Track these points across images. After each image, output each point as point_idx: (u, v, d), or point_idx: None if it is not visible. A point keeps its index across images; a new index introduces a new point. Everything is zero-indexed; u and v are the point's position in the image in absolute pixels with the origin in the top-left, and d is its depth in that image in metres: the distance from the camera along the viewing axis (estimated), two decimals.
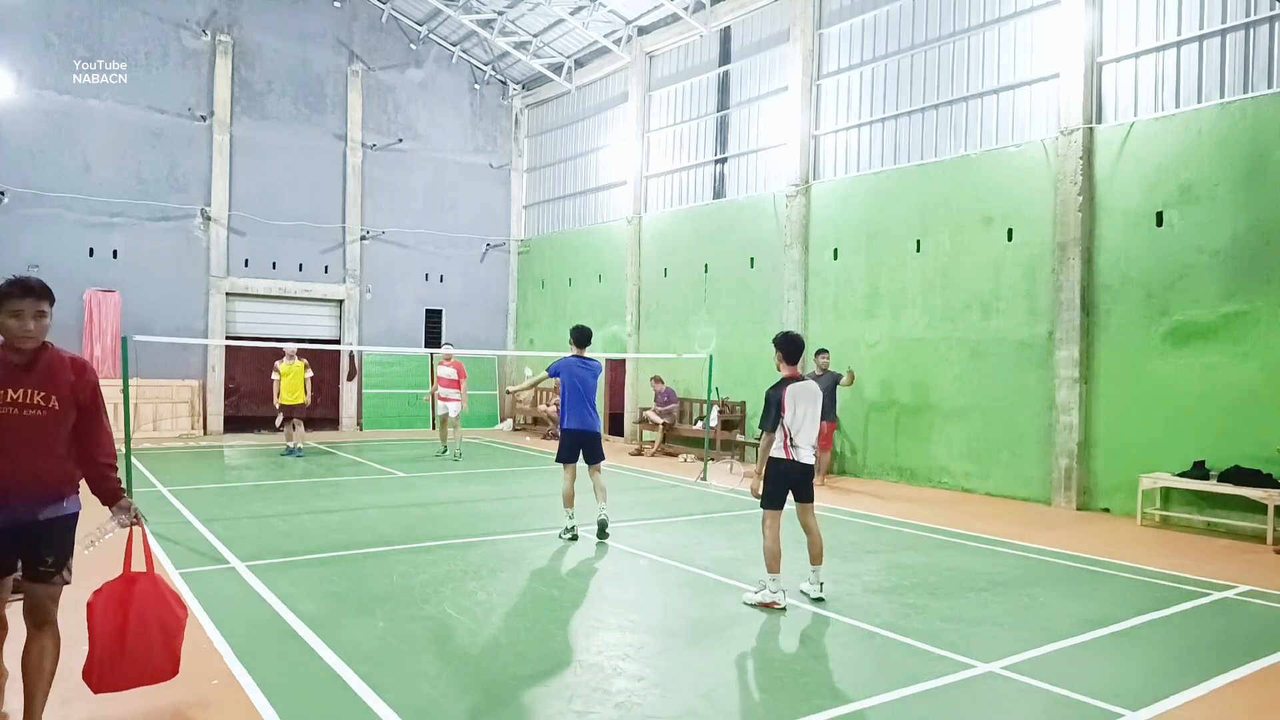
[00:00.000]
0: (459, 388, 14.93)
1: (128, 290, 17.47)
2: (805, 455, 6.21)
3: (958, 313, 12.32)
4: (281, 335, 19.16)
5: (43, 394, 3.55)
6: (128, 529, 3.86)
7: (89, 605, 3.82)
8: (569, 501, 8.35)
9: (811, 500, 6.38)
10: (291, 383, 14.56)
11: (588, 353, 8.54)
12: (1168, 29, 10.41)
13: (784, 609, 5.97)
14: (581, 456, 8.41)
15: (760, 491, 6.23)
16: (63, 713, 4.04)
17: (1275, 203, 9.32)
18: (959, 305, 12.31)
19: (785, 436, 6.13)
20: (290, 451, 14.71)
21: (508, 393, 9.75)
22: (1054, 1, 11.40)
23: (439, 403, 15.15)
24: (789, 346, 6.36)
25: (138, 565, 4.00)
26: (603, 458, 8.57)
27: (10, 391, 3.51)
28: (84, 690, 3.90)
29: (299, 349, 14.71)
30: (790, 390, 6.16)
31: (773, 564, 6.04)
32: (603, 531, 8.22)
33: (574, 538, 8.24)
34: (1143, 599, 6.58)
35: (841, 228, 14.07)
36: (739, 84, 16.45)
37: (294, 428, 14.79)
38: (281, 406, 14.68)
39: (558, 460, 8.44)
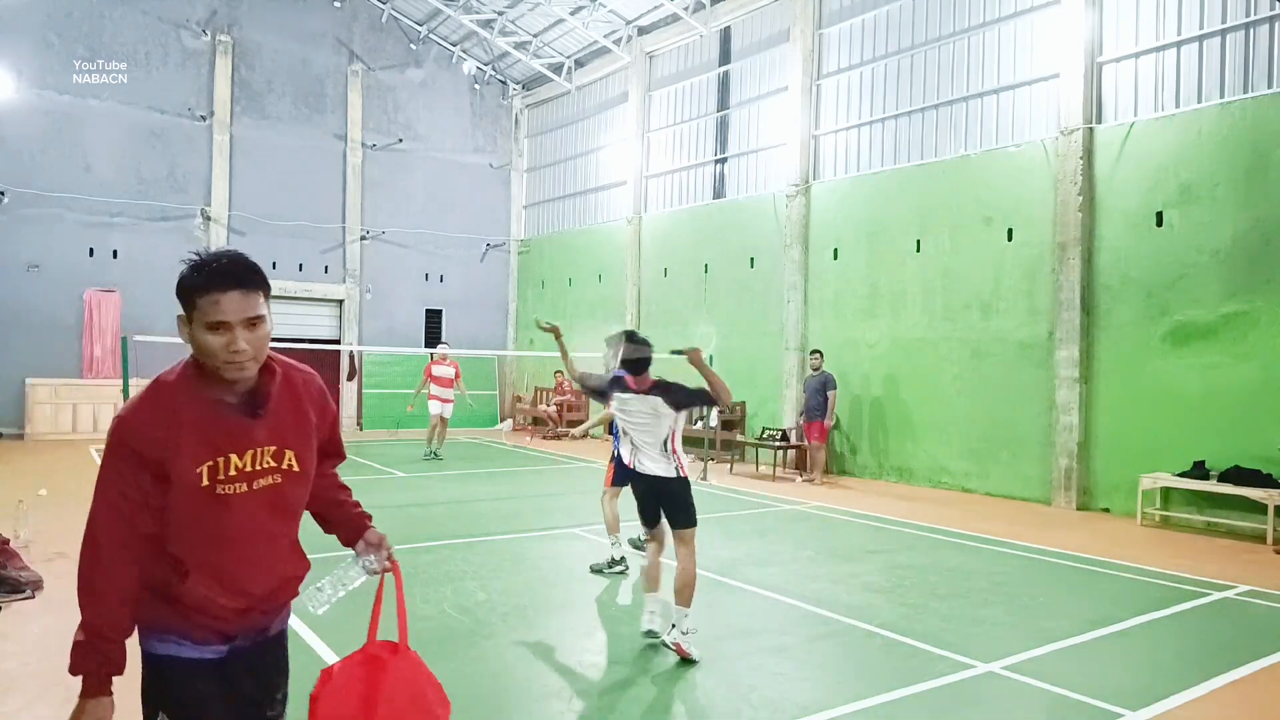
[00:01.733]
0: (452, 387, 14.83)
1: (128, 290, 17.46)
2: (649, 466, 5.22)
3: (958, 313, 12.32)
4: (281, 335, 19.17)
5: (274, 449, 2.16)
6: (379, 576, 2.43)
7: (313, 697, 2.21)
8: (614, 528, 7.16)
9: (680, 527, 5.25)
10: None
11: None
12: (1168, 29, 10.41)
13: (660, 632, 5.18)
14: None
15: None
16: (63, 712, 4.04)
17: (1275, 203, 9.32)
18: (959, 305, 12.31)
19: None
20: None
21: (572, 436, 9.16)
22: (1054, 1, 11.40)
23: (434, 403, 14.77)
24: (630, 357, 5.20)
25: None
26: None
27: (234, 458, 2.08)
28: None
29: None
30: (617, 397, 5.29)
31: (653, 582, 5.38)
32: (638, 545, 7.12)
33: (624, 571, 7.07)
34: (1143, 599, 6.58)
35: (841, 228, 14.07)
36: (739, 84, 16.45)
37: None
38: None
39: (614, 484, 7.17)
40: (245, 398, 2.14)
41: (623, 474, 6.64)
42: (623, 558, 7.10)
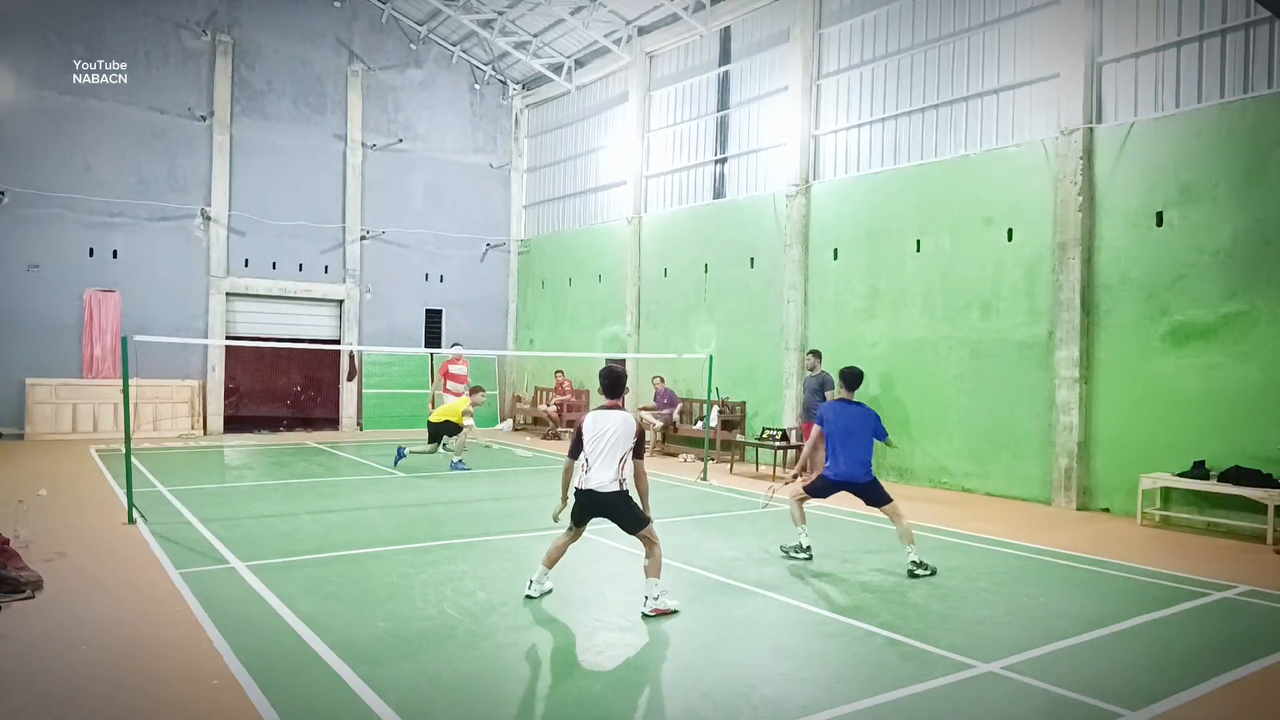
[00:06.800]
0: (465, 383, 15.13)
1: (128, 290, 17.47)
2: (597, 482, 5.86)
3: (958, 313, 12.32)
4: (281, 335, 19.21)
5: None
6: None
7: None
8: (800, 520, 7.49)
9: (634, 530, 5.93)
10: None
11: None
12: (1168, 29, 10.40)
13: (538, 596, 6.15)
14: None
15: (557, 515, 6.19)
16: (63, 712, 4.04)
17: (1275, 203, 9.32)
18: (959, 305, 12.30)
19: (583, 464, 5.96)
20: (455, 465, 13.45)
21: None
22: (1054, 1, 11.40)
23: (443, 398, 14.66)
24: (606, 381, 6.24)
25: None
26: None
27: None
28: (85, 689, 3.89)
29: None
30: (590, 419, 6.01)
31: (548, 560, 6.19)
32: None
33: (809, 558, 7.57)
34: (1143, 599, 6.58)
35: (841, 228, 14.07)
36: (739, 84, 16.45)
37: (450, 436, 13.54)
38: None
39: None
40: None
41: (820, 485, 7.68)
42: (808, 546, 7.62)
